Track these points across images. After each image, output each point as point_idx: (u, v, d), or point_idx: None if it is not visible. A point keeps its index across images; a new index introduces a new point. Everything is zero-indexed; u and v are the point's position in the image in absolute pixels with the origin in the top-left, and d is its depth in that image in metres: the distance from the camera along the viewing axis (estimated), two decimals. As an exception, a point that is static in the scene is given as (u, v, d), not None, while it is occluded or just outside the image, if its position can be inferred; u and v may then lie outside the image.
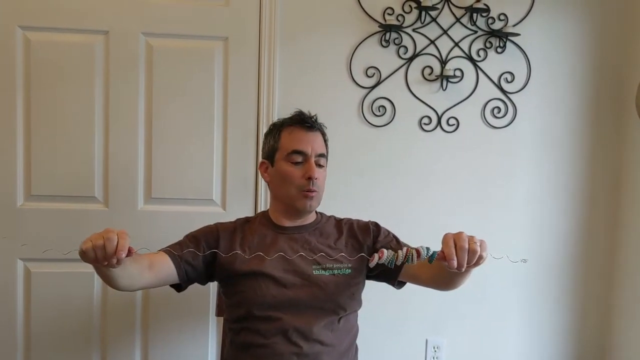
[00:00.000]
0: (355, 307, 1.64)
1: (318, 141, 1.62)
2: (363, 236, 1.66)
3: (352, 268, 1.58)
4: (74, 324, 2.17)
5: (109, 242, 1.21)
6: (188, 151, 2.16)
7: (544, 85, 2.26)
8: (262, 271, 1.54)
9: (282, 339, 1.50)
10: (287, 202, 1.62)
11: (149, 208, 2.17)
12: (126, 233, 1.24)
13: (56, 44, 2.09)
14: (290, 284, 1.54)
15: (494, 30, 2.21)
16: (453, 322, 2.31)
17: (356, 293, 1.62)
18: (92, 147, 2.12)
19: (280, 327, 1.50)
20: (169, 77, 2.13)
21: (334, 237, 1.65)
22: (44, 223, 2.13)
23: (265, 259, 1.50)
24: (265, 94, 2.15)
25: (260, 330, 1.51)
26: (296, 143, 1.59)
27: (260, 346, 1.51)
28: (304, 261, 1.54)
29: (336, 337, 1.55)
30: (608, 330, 2.35)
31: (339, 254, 1.57)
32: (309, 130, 1.61)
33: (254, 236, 1.62)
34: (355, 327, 1.66)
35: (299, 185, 1.57)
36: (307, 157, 1.58)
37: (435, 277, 1.52)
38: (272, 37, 2.14)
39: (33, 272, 2.15)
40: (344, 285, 1.56)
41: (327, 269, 1.55)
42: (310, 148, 1.58)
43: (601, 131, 2.30)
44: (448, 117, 2.24)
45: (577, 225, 2.33)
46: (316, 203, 1.61)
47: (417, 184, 2.25)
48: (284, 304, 1.52)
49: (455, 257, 1.23)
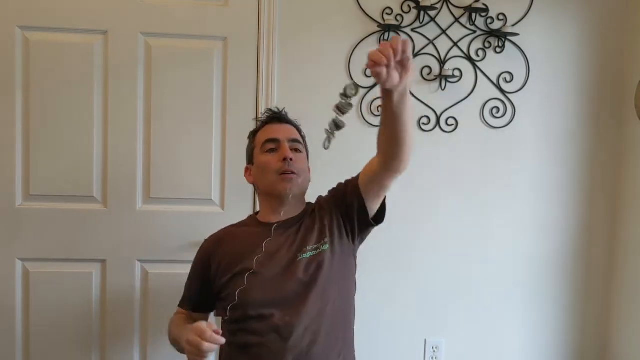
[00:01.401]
0: (345, 286, 1.62)
1: (291, 130, 1.69)
2: (330, 211, 1.64)
3: (329, 242, 1.58)
4: (72, 324, 2.17)
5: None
6: (187, 151, 2.16)
7: (543, 85, 2.26)
8: (249, 271, 1.55)
9: (276, 336, 1.50)
10: (269, 191, 1.63)
11: (148, 208, 2.17)
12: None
13: (55, 44, 2.09)
14: (278, 279, 1.54)
15: (492, 30, 2.21)
16: (452, 322, 2.31)
17: (343, 268, 1.60)
18: (91, 147, 2.12)
19: (273, 324, 1.50)
20: (168, 77, 2.13)
21: (312, 220, 1.64)
22: (42, 223, 2.13)
23: (250, 260, 1.54)
24: (264, 94, 2.15)
25: (254, 329, 1.52)
26: (267, 133, 1.67)
27: (256, 345, 1.51)
28: (289, 253, 1.56)
29: (329, 324, 1.54)
30: (608, 329, 2.35)
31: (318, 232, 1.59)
32: (279, 122, 1.69)
33: (239, 239, 1.64)
34: (349, 314, 1.64)
35: (276, 169, 1.59)
36: (280, 142, 1.63)
37: (383, 149, 1.47)
38: (271, 37, 2.14)
39: (32, 272, 2.15)
40: (328, 262, 1.56)
41: (308, 252, 1.56)
42: (282, 134, 1.65)
43: (600, 131, 2.30)
44: (447, 117, 2.24)
45: (577, 224, 2.33)
46: (296, 188, 1.61)
47: (416, 184, 2.25)
48: (274, 300, 1.52)
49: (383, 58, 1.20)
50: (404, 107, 1.34)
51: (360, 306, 1.67)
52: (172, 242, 2.16)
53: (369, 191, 1.57)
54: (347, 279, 1.64)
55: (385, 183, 1.55)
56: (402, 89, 1.30)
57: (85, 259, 2.16)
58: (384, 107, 1.37)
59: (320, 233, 1.60)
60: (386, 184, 1.55)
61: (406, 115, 1.37)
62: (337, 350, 1.56)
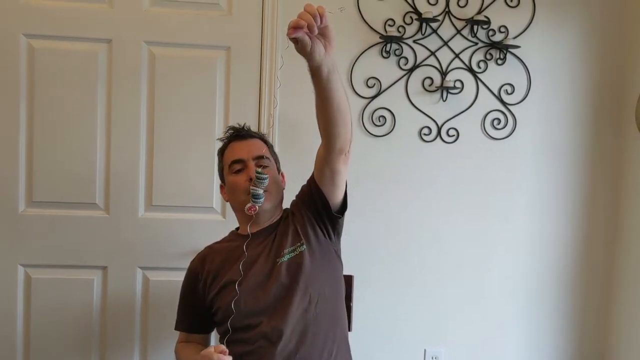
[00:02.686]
0: (330, 284, 1.62)
1: (255, 146, 1.66)
2: (301, 213, 1.65)
3: (306, 242, 1.59)
4: (73, 330, 2.18)
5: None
6: (189, 159, 2.17)
7: (544, 97, 2.28)
8: (231, 284, 1.56)
9: (265, 342, 1.51)
10: (241, 210, 1.63)
11: (150, 215, 2.18)
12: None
13: (60, 51, 2.11)
14: (261, 287, 1.56)
15: (494, 42, 2.22)
16: (451, 331, 2.31)
17: (325, 267, 1.61)
18: (93, 154, 2.14)
19: (260, 331, 1.52)
20: (171, 85, 2.15)
21: (287, 227, 1.65)
22: (45, 229, 2.14)
23: (232, 273, 1.56)
24: (267, 104, 2.17)
25: (244, 339, 1.54)
26: (232, 154, 1.66)
27: (247, 354, 1.53)
28: (268, 260, 1.58)
29: (315, 323, 1.55)
30: (607, 340, 2.35)
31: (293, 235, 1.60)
32: (243, 139, 1.67)
33: (221, 254, 1.66)
34: (338, 313, 1.64)
35: (244, 189, 1.60)
36: (245, 162, 1.62)
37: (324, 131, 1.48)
38: (274, 47, 2.16)
39: (33, 278, 2.16)
40: (308, 262, 1.57)
41: (285, 255, 1.58)
42: (246, 153, 1.63)
43: (601, 143, 2.31)
44: (448, 127, 2.25)
45: (576, 235, 2.33)
46: (267, 204, 1.61)
47: (417, 194, 2.26)
48: (260, 309, 1.54)
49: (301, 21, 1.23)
50: (334, 83, 1.37)
51: (360, 317, 1.68)
52: (173, 250, 2.17)
53: (324, 181, 1.57)
54: (331, 278, 1.64)
55: (335, 166, 1.53)
56: (329, 62, 1.32)
57: (86, 265, 2.17)
58: (316, 87, 1.38)
59: (294, 236, 1.61)
60: (336, 167, 1.53)
61: (338, 91, 1.39)
62: (327, 349, 1.56)
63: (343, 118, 1.43)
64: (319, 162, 1.56)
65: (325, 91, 1.37)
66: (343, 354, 1.62)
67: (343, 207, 1.64)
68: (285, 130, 2.18)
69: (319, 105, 1.43)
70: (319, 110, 1.44)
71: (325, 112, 1.42)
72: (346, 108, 1.43)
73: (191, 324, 1.71)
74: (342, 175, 1.57)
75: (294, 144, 2.17)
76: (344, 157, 1.53)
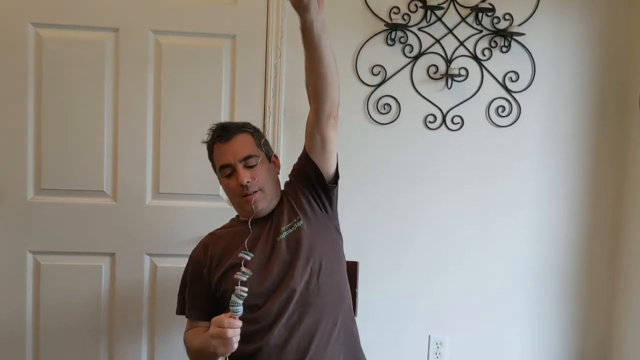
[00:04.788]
0: (330, 256, 1.64)
1: (239, 146, 1.62)
2: (294, 190, 1.67)
3: (302, 217, 1.62)
4: (82, 316, 2.21)
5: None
6: (196, 147, 2.16)
7: (549, 84, 2.28)
8: (237, 266, 1.56)
9: (270, 319, 1.55)
10: (240, 211, 1.68)
11: (157, 203, 2.20)
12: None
13: (67, 40, 2.12)
14: (264, 266, 1.58)
15: (499, 29, 2.22)
16: (456, 318, 2.33)
17: (324, 239, 1.64)
18: (101, 142, 2.16)
19: (266, 309, 1.55)
20: (178, 74, 2.16)
21: (282, 207, 1.67)
22: (53, 216, 2.17)
23: (235, 256, 1.56)
24: (272, 92, 2.18)
25: (250, 319, 1.55)
26: (219, 159, 1.64)
27: (255, 332, 1.55)
28: (268, 240, 1.61)
29: (317, 296, 1.58)
30: (612, 327, 2.36)
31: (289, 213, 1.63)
32: (227, 140, 1.63)
33: (222, 240, 1.67)
34: (341, 287, 1.66)
35: (238, 194, 1.61)
36: (233, 167, 1.61)
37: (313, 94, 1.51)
38: (279, 35, 2.17)
39: (42, 264, 2.19)
40: (306, 235, 1.60)
41: (283, 232, 1.61)
42: (232, 157, 1.61)
43: (606, 130, 2.31)
44: (453, 115, 2.26)
45: (580, 223, 2.34)
46: (263, 202, 1.62)
47: (421, 182, 2.27)
48: (264, 288, 1.56)
49: None
50: (325, 41, 1.41)
51: (365, 303, 1.69)
52: (180, 237, 2.19)
53: (315, 149, 1.59)
54: (331, 250, 1.66)
55: (325, 132, 1.55)
56: (321, 19, 1.36)
57: (94, 252, 2.19)
58: (307, 46, 1.41)
59: (290, 212, 1.63)
60: (326, 132, 1.56)
61: (328, 51, 1.42)
62: (332, 319, 1.59)
63: (333, 79, 1.46)
64: (309, 129, 1.58)
65: (317, 50, 1.41)
66: (348, 327, 1.65)
67: (336, 177, 1.66)
68: (290, 118, 2.20)
69: (309, 66, 1.46)
70: (309, 72, 1.47)
71: (315, 72, 1.45)
72: (335, 69, 1.47)
73: (201, 310, 1.70)
74: (333, 141, 1.59)
75: (299, 132, 2.17)
76: (333, 122, 1.55)
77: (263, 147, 1.68)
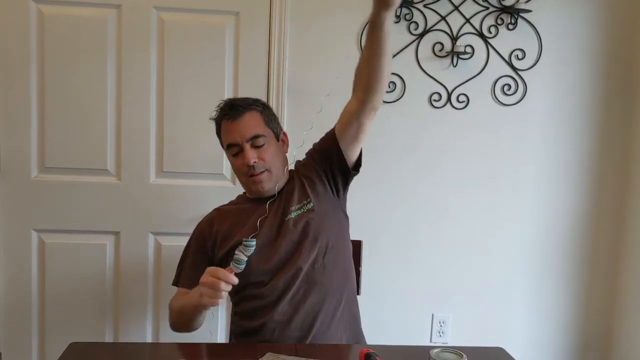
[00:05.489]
0: (338, 240, 1.65)
1: (248, 124, 1.60)
2: (309, 170, 1.67)
3: (314, 199, 1.62)
4: (87, 294, 2.22)
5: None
6: (199, 125, 2.17)
7: (555, 62, 2.25)
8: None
9: (274, 296, 1.55)
10: (247, 190, 1.69)
11: (161, 181, 2.20)
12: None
13: (69, 17, 2.11)
14: (271, 244, 1.58)
15: (505, 6, 2.20)
16: (458, 297, 2.34)
17: (333, 222, 1.64)
18: (104, 120, 2.15)
19: (272, 286, 1.56)
20: (181, 51, 2.15)
21: (294, 184, 1.67)
22: (57, 195, 2.17)
23: (243, 232, 1.57)
24: (276, 69, 2.16)
25: (256, 295, 1.57)
26: (227, 137, 1.62)
27: (260, 308, 1.56)
28: (276, 219, 1.61)
29: (323, 275, 1.58)
30: (614, 306, 2.37)
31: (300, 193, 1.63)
32: (235, 119, 1.60)
33: (230, 217, 1.67)
34: (346, 269, 1.67)
35: (244, 173, 1.61)
36: (240, 146, 1.59)
37: (364, 85, 1.51)
38: (283, 12, 2.14)
39: (47, 243, 2.19)
40: (316, 217, 1.60)
41: (292, 212, 1.60)
42: (239, 136, 1.59)
43: (612, 109, 2.29)
44: (458, 93, 2.24)
45: (586, 201, 2.33)
46: (269, 183, 1.62)
47: (426, 160, 2.26)
48: (271, 265, 1.56)
49: None
50: (391, 36, 1.41)
51: (370, 283, 1.70)
52: (184, 215, 2.19)
53: (348, 135, 1.59)
54: (339, 232, 1.66)
55: (364, 121, 1.56)
56: (392, 14, 1.37)
57: (99, 230, 2.20)
58: (374, 39, 1.40)
59: (302, 193, 1.63)
60: (365, 122, 1.56)
61: (390, 46, 1.44)
62: (336, 299, 1.60)
63: (388, 74, 1.48)
64: (347, 117, 1.57)
65: (382, 45, 1.41)
66: (351, 308, 1.66)
67: (357, 165, 1.65)
68: (293, 95, 2.18)
69: (368, 58, 1.46)
70: (367, 63, 1.46)
71: (374, 65, 1.45)
72: (390, 65, 1.49)
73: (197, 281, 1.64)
74: (365, 132, 1.60)
75: (302, 109, 2.17)
76: (373, 114, 1.56)
77: (271, 125, 1.66)
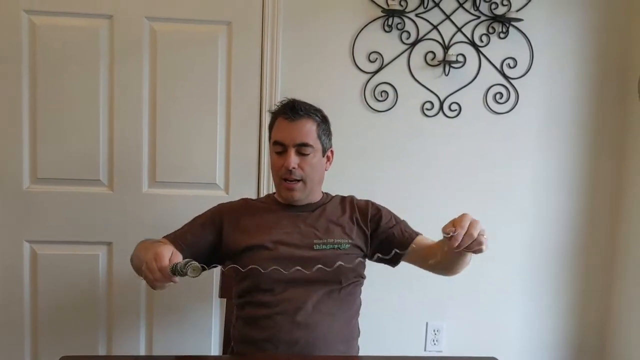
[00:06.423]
0: (355, 278, 1.66)
1: (301, 131, 1.60)
2: (364, 215, 1.70)
3: (350, 243, 1.63)
4: (79, 305, 2.21)
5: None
6: (192, 135, 2.18)
7: (547, 71, 2.26)
8: (265, 246, 1.58)
9: (284, 309, 1.54)
10: (276, 189, 1.69)
11: (153, 191, 2.19)
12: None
13: (61, 28, 2.10)
14: (292, 260, 1.55)
15: (497, 15, 2.21)
16: (453, 306, 2.33)
17: (356, 266, 1.64)
18: (97, 130, 2.14)
19: (283, 298, 1.55)
20: (173, 61, 2.14)
21: (337, 214, 1.68)
22: (49, 206, 2.16)
23: (267, 236, 1.58)
24: (268, 79, 2.16)
25: (264, 302, 1.56)
26: (277, 133, 1.63)
27: (264, 317, 1.55)
28: (306, 237, 1.60)
29: (336, 307, 1.59)
30: (609, 314, 2.37)
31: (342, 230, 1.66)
32: (292, 120, 1.60)
33: (257, 214, 1.67)
34: (357, 301, 1.69)
35: (280, 174, 1.62)
36: (286, 148, 1.60)
37: (439, 263, 1.55)
38: (276, 22, 2.15)
39: (39, 254, 2.18)
40: (345, 259, 1.58)
41: (328, 244, 1.60)
42: (289, 139, 1.60)
43: (604, 117, 2.30)
44: (450, 102, 2.24)
45: (578, 210, 2.34)
46: (300, 194, 1.63)
47: (419, 169, 2.27)
48: (285, 278, 1.53)
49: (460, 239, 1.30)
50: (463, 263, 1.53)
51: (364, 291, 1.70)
52: (177, 225, 2.14)
53: (408, 258, 1.67)
54: (356, 271, 1.65)
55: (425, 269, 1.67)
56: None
57: (91, 241, 2.19)
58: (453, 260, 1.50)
59: (345, 233, 1.64)
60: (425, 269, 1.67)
61: (464, 265, 1.55)
62: (344, 332, 1.62)
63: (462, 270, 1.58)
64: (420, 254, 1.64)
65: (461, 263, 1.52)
66: (353, 342, 1.67)
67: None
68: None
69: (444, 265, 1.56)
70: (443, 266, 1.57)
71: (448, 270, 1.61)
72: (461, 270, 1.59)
73: (186, 245, 1.61)
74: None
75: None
76: None
77: (322, 139, 1.65)
